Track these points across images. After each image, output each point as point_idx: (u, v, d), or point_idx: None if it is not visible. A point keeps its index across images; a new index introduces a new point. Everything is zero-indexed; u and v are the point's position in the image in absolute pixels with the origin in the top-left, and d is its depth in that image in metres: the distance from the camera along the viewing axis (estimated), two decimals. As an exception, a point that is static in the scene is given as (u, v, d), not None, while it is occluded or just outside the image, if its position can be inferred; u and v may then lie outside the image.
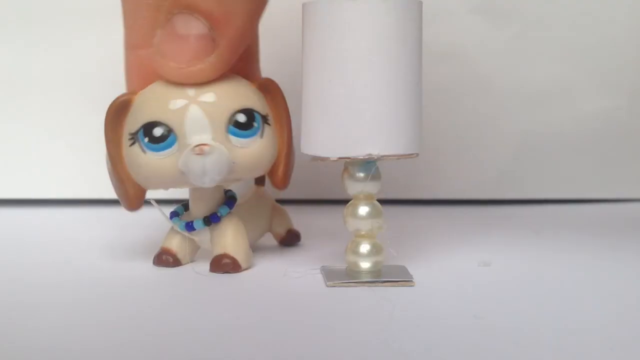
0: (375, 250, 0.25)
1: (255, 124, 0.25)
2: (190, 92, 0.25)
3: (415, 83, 0.24)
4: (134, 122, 0.25)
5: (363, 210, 0.25)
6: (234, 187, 0.29)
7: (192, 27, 0.24)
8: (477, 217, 0.42)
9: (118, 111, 0.25)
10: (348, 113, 0.23)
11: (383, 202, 0.27)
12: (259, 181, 0.32)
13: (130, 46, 0.27)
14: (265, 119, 0.26)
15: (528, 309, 0.22)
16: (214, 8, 0.24)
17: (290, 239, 0.32)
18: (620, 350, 0.18)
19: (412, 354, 0.18)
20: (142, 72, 0.26)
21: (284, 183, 0.27)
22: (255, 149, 0.25)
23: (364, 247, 0.25)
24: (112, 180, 0.26)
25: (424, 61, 0.25)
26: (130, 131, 0.25)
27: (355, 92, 0.23)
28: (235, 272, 0.26)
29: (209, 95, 0.25)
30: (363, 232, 0.25)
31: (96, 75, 0.44)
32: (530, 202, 0.47)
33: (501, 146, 0.49)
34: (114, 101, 0.25)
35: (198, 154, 0.24)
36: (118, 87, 0.27)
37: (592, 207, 0.46)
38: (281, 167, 0.27)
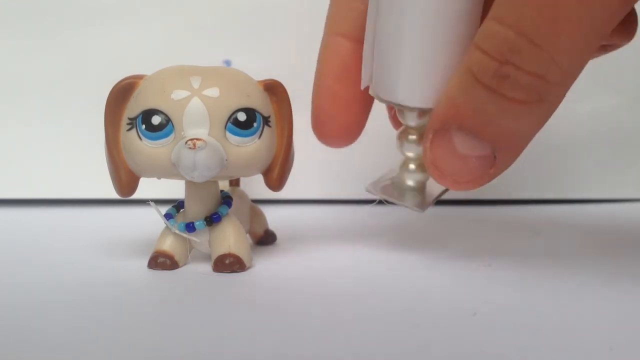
0: (421, 169, 0.28)
1: (255, 124, 0.25)
2: (195, 84, 0.25)
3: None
4: (134, 107, 0.25)
5: (412, 137, 0.27)
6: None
7: (475, 149, 0.23)
8: (477, 217, 0.42)
9: (120, 94, 0.25)
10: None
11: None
12: (234, 181, 0.33)
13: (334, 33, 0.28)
14: (266, 121, 0.26)
15: (528, 309, 0.22)
16: (501, 137, 0.23)
17: (267, 239, 0.32)
18: (620, 350, 0.18)
19: (412, 353, 0.18)
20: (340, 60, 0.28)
21: (278, 185, 0.27)
22: (251, 150, 0.25)
23: (412, 166, 0.28)
24: (107, 164, 0.26)
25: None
26: (130, 116, 0.25)
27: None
28: (241, 271, 0.26)
29: (213, 90, 0.25)
30: (412, 155, 0.28)
31: (96, 75, 0.44)
32: (530, 202, 0.47)
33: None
34: (118, 83, 0.25)
35: (190, 148, 0.24)
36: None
37: (592, 207, 0.46)
38: (277, 169, 0.27)
